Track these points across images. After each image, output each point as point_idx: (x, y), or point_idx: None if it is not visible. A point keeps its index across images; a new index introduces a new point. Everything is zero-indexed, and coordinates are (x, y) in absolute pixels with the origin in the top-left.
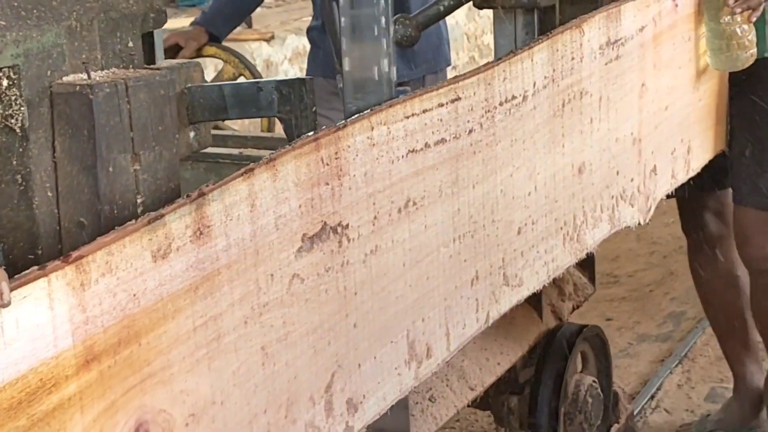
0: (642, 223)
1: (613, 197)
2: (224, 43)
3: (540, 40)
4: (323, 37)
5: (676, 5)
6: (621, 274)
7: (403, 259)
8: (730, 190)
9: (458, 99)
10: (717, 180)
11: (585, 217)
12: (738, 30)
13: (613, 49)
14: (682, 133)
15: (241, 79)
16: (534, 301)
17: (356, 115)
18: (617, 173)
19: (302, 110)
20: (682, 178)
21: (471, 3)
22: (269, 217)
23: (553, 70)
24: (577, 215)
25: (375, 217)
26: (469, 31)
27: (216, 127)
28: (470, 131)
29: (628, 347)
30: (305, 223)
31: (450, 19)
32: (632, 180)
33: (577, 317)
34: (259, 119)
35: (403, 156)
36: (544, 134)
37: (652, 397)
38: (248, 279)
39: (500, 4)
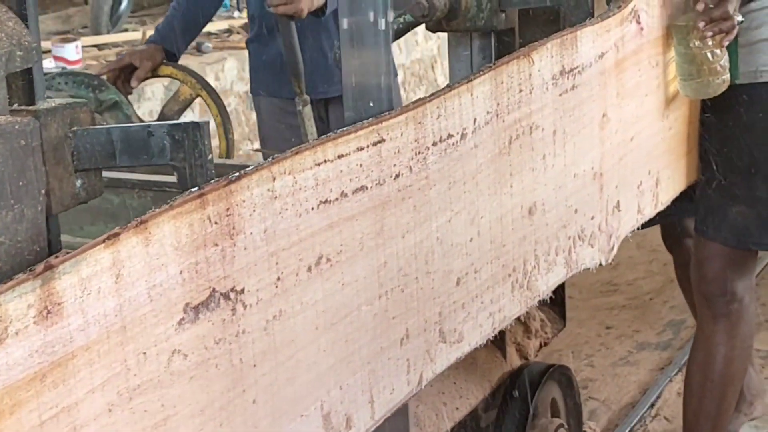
0: (604, 263)
1: (570, 238)
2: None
3: (481, 73)
4: (262, 50)
5: (642, 29)
6: (620, 283)
7: (315, 323)
8: None
9: (382, 141)
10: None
11: (537, 261)
12: (709, 55)
13: (568, 78)
14: (649, 165)
15: (199, 101)
16: (497, 339)
17: (253, 166)
18: (575, 212)
19: (197, 158)
20: (650, 212)
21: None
22: (140, 287)
23: (498, 104)
24: (528, 260)
25: (278, 279)
26: None
27: None
28: (397, 176)
29: (628, 355)
30: (188, 291)
31: None
32: (593, 218)
33: (576, 326)
34: (217, 142)
35: (313, 208)
36: (489, 174)
37: (652, 405)
38: (113, 360)
39: (454, 27)
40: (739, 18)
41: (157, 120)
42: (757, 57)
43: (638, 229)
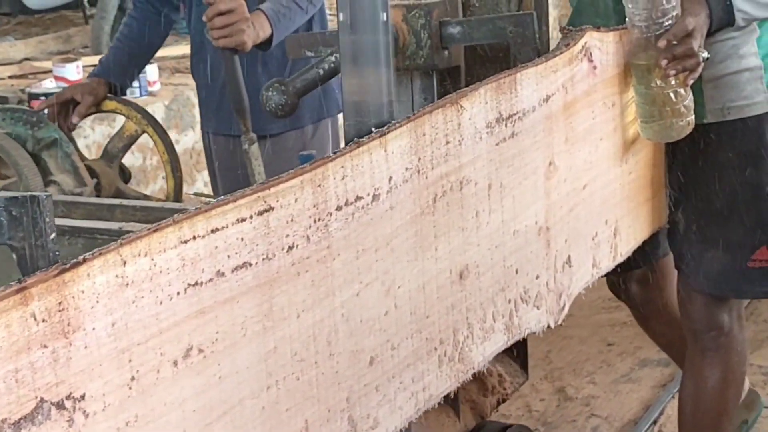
0: (553, 325)
1: (510, 301)
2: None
3: (397, 124)
4: (205, 81)
5: (595, 67)
6: None
7: (182, 426)
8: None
9: (270, 210)
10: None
11: (470, 330)
12: (672, 95)
13: (506, 125)
14: (606, 214)
15: (144, 137)
16: (450, 397)
17: (97, 250)
18: (516, 272)
19: (37, 237)
20: (608, 265)
21: None
22: None
23: (419, 159)
24: (460, 330)
25: (132, 379)
26: None
27: (117, 193)
28: (290, 248)
29: (630, 372)
30: (5, 404)
31: None
32: (538, 277)
33: (577, 343)
34: (164, 181)
35: (179, 293)
36: (408, 238)
37: (654, 422)
38: None
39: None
40: (705, 54)
41: (101, 158)
42: (723, 93)
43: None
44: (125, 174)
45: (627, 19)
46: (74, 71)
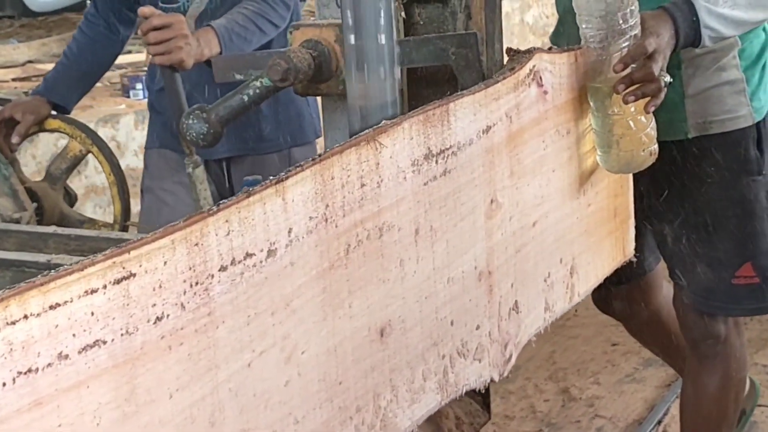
0: (497, 379)
1: (444, 357)
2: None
3: (300, 168)
4: (155, 93)
5: (546, 92)
6: None
7: None
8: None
9: (130, 277)
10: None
11: (395, 393)
12: (631, 123)
13: (437, 162)
14: (560, 252)
15: (90, 158)
16: None
17: None
18: (451, 324)
19: None
20: (564, 307)
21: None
22: None
23: (327, 207)
24: (381, 394)
25: None
26: None
27: (61, 218)
28: (159, 319)
29: (634, 372)
30: None
31: None
32: (478, 328)
33: (581, 343)
34: (110, 204)
35: (4, 384)
36: (313, 296)
37: (659, 422)
38: None
39: (325, 90)
40: (667, 78)
41: (44, 180)
42: (705, 107)
43: None
44: (70, 196)
45: (582, 40)
46: None
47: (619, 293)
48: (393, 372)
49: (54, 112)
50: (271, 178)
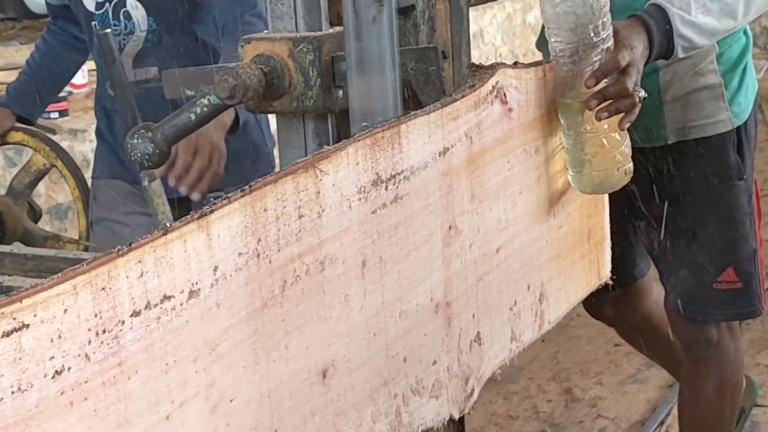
0: (456, 416)
1: (396, 396)
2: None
3: (227, 201)
4: (105, 119)
5: (510, 110)
6: None
7: None
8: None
9: (22, 328)
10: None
11: None
12: (605, 141)
13: (387, 189)
14: (528, 279)
15: (54, 172)
16: None
17: None
18: (404, 360)
19: None
20: (532, 336)
21: None
22: None
23: (259, 241)
24: None
25: None
26: (473, 58)
27: (24, 234)
28: (58, 372)
29: (637, 373)
30: None
31: None
32: (435, 363)
33: (584, 343)
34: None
35: None
36: (243, 339)
37: (662, 423)
38: None
39: (279, 108)
40: (642, 93)
41: (6, 195)
42: (684, 112)
43: None
44: (35, 212)
45: (551, 55)
46: (79, 76)
47: (610, 299)
48: (337, 416)
49: (18, 124)
50: (193, 212)
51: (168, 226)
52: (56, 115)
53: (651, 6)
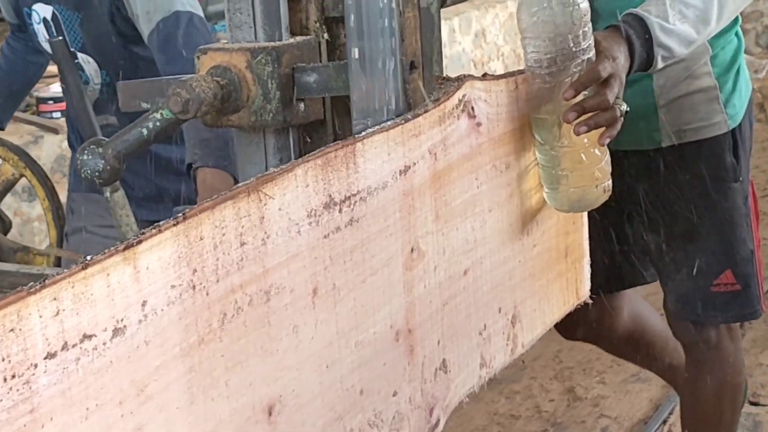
0: None
1: (351, 431)
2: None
3: (157, 230)
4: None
5: (479, 124)
6: None
7: None
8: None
9: None
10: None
11: None
12: (583, 156)
13: (341, 211)
14: (499, 301)
15: (23, 182)
16: None
17: None
18: (360, 393)
19: None
20: (504, 360)
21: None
22: None
23: (194, 272)
24: None
25: None
26: (476, 58)
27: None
28: None
29: (640, 372)
30: None
31: (457, 47)
32: (395, 394)
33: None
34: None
35: None
36: (177, 378)
37: (664, 422)
38: None
39: (237, 123)
40: (624, 107)
41: None
42: (678, 115)
43: None
44: (4, 223)
45: (525, 65)
46: None
47: (582, 317)
48: None
49: None
50: (118, 243)
51: (88, 260)
52: (58, 114)
53: (628, 16)
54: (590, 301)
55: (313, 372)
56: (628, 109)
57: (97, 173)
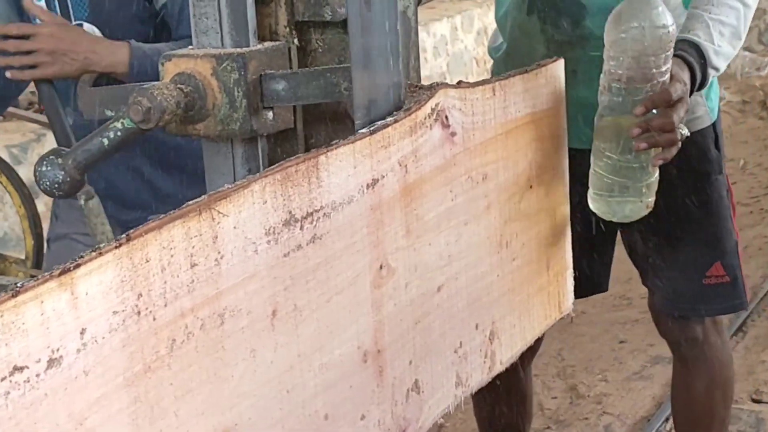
0: None
1: None
2: None
3: (97, 253)
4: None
5: (453, 134)
6: (634, 296)
7: None
8: None
9: None
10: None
11: None
12: (638, 172)
13: (302, 228)
14: (476, 317)
15: None
16: None
17: None
18: (325, 418)
19: None
20: (481, 379)
21: None
22: None
23: (140, 296)
24: None
25: None
26: (478, 56)
27: None
28: None
29: (642, 369)
30: None
31: (459, 44)
32: (363, 418)
33: (589, 341)
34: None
35: None
36: (120, 409)
37: (667, 419)
38: None
39: (203, 132)
40: (685, 131)
41: None
42: None
43: None
44: None
45: (602, 77)
46: None
47: None
48: None
49: None
50: (56, 267)
51: (19, 287)
52: None
53: (683, 43)
54: (573, 315)
55: (272, 398)
56: (689, 134)
57: (56, 185)
